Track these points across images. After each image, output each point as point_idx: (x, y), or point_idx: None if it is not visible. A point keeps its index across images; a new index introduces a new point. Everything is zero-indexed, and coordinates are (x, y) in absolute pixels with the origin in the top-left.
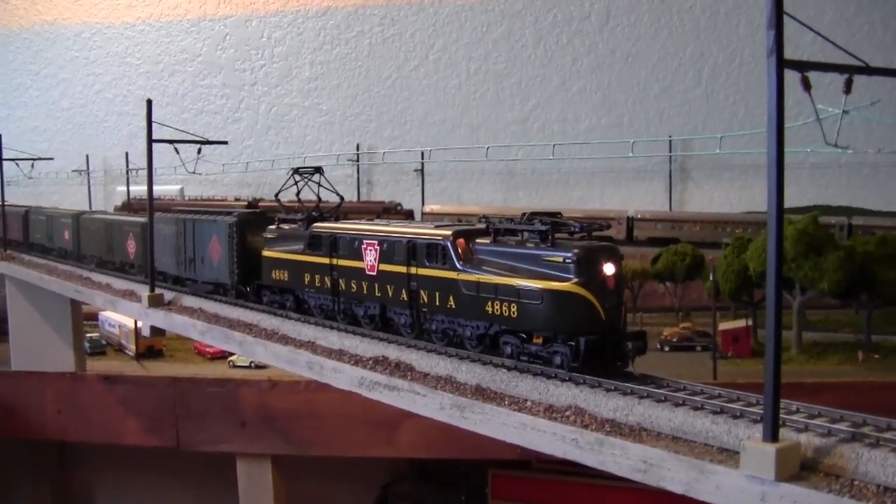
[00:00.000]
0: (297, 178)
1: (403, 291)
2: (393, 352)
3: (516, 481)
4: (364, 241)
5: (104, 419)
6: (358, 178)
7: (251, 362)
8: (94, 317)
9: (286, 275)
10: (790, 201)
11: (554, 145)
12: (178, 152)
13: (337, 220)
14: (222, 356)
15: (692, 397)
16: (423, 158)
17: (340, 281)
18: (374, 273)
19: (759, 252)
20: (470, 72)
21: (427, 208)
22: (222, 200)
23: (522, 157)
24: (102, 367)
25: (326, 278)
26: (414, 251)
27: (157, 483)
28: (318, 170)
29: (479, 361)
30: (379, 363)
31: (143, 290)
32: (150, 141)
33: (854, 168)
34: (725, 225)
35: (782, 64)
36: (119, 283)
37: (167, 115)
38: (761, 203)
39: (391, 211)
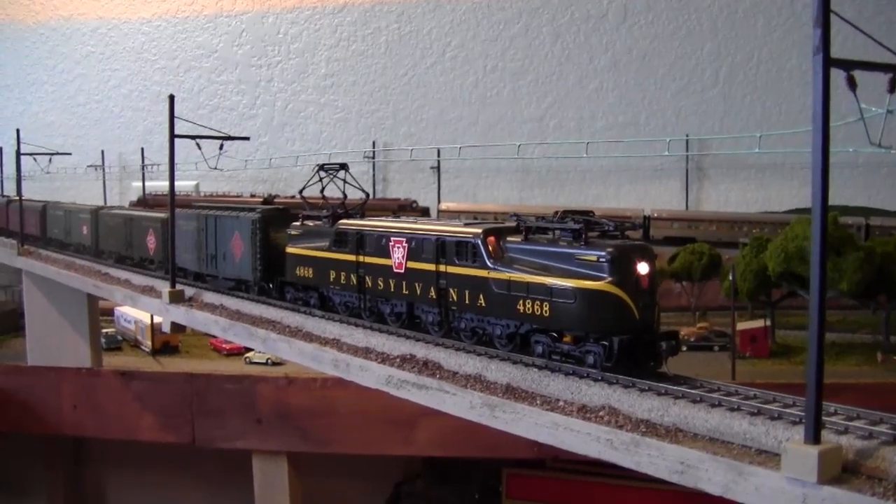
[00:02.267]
0: (323, 174)
1: (432, 289)
2: (420, 350)
3: (531, 480)
4: (392, 238)
5: (120, 415)
6: (374, 176)
7: (268, 359)
8: (109, 312)
9: (311, 272)
10: (807, 202)
11: (587, 143)
12: (199, 147)
13: (362, 217)
14: (238, 353)
15: (728, 398)
16: (439, 156)
17: (367, 278)
18: (402, 271)
19: (779, 252)
20: (486, 69)
21: (443, 206)
22: (238, 197)
23: (548, 155)
24: (118, 363)
25: (352, 275)
26: (443, 249)
27: (171, 479)
28: (344, 166)
29: (508, 360)
30: (406, 361)
31: (163, 286)
32: (173, 136)
33: (872, 168)
34: (742, 224)
35: (829, 62)
36: (138, 279)
37: (183, 110)
38: (778, 203)
39: (406, 208)
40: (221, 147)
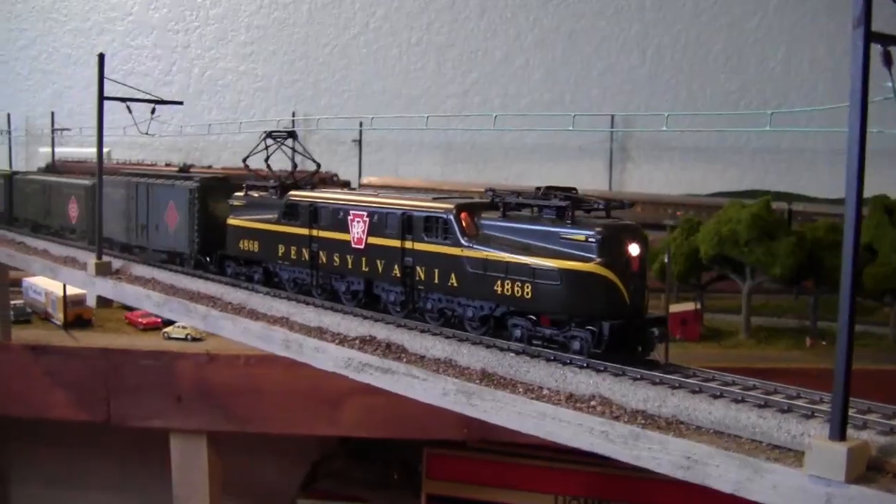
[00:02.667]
0: (270, 142)
1: (396, 267)
2: (380, 331)
3: (452, 461)
4: (351, 211)
5: (30, 392)
6: (293, 147)
7: (187, 334)
8: (17, 283)
9: (256, 245)
10: (729, 185)
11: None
12: (130, 111)
13: (314, 188)
14: (155, 327)
15: (728, 388)
16: (361, 126)
17: (321, 254)
18: (362, 246)
19: (712, 235)
20: (411, 42)
21: (365, 180)
22: (152, 165)
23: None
24: (29, 337)
25: (304, 250)
26: (410, 224)
27: (84, 459)
28: (292, 134)
29: (481, 344)
30: (367, 343)
31: (87, 258)
32: (101, 98)
33: (795, 154)
34: (667, 206)
35: (869, 36)
36: (57, 250)
37: (94, 74)
38: (701, 186)
39: (327, 182)
40: (153, 111)
